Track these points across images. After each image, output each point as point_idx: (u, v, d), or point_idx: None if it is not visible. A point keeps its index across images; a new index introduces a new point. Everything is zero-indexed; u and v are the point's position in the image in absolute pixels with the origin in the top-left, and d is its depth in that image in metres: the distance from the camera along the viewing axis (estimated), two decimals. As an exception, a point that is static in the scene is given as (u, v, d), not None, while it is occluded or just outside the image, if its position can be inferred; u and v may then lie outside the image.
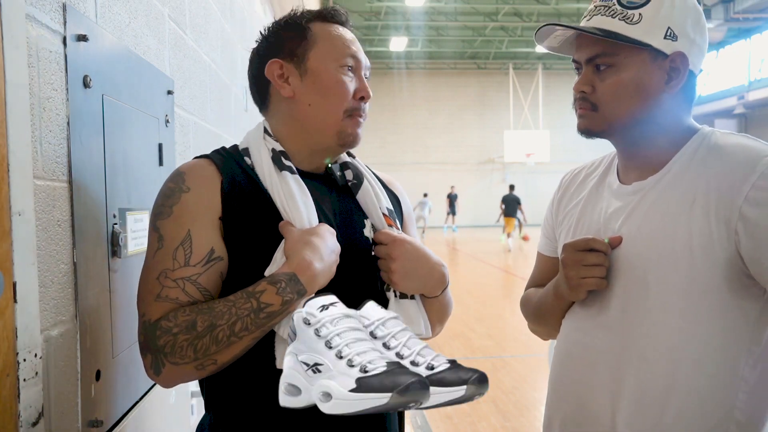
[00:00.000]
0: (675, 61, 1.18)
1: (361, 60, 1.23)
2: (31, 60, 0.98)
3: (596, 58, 1.20)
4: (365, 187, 1.24)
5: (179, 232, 1.09)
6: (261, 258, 1.09)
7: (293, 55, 1.20)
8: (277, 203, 1.13)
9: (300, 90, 1.19)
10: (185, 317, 1.02)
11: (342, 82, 1.19)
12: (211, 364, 1.03)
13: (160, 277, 1.06)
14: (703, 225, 1.11)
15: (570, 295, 1.25)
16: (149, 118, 1.53)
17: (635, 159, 1.25)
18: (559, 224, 1.40)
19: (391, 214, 1.25)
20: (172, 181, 1.14)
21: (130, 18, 1.45)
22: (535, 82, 24.27)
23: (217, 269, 1.10)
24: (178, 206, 1.10)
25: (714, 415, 1.11)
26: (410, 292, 1.20)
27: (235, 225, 1.11)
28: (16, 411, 0.91)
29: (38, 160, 1.00)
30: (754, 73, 18.72)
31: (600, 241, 1.19)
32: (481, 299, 8.53)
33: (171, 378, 1.04)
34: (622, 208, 1.23)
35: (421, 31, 21.20)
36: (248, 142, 1.22)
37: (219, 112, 2.62)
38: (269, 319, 1.03)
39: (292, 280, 1.04)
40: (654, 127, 1.21)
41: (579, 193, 1.37)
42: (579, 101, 1.24)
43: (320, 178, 1.24)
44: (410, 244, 1.19)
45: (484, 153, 25.02)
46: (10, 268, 0.89)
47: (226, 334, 1.01)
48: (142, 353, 1.05)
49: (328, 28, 1.22)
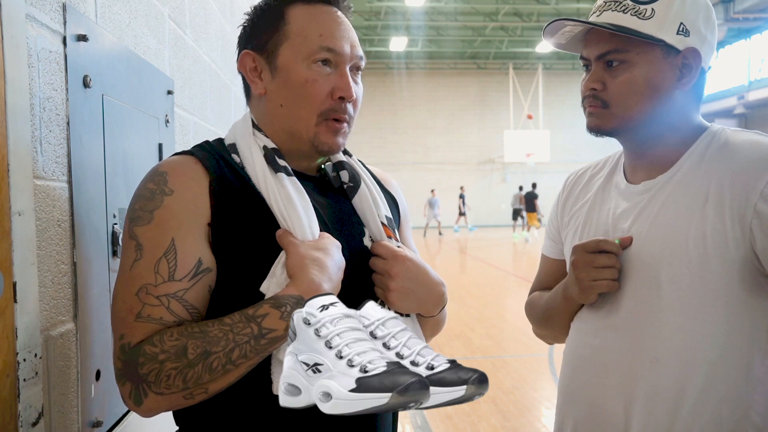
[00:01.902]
0: (687, 57, 1.15)
1: (343, 52, 1.05)
2: (31, 60, 0.98)
3: (608, 55, 1.17)
4: (362, 192, 1.13)
5: (161, 240, 0.96)
6: (255, 270, 0.98)
7: (264, 49, 1.07)
8: (274, 209, 1.01)
9: (271, 88, 1.07)
10: (173, 342, 0.90)
11: (313, 81, 1.04)
12: (201, 393, 0.92)
13: (140, 293, 0.94)
14: (716, 223, 1.09)
15: (580, 298, 1.22)
16: (149, 118, 1.53)
17: (644, 158, 1.23)
18: (565, 226, 1.37)
19: (390, 223, 1.14)
20: (151, 181, 1.01)
21: (130, 18, 1.45)
22: (535, 82, 24.25)
23: (206, 282, 0.98)
24: (160, 211, 0.97)
25: (730, 417, 1.09)
26: (406, 311, 1.10)
27: (226, 231, 0.99)
28: (16, 411, 0.91)
29: (38, 160, 1.00)
30: (754, 73, 18.72)
31: (611, 243, 1.17)
32: (481, 299, 8.53)
33: (153, 408, 0.92)
34: (632, 207, 1.21)
35: (421, 31, 21.19)
36: (235, 136, 1.09)
37: (219, 112, 2.62)
38: (270, 345, 0.93)
39: (299, 304, 0.92)
40: (664, 125, 1.18)
41: (585, 194, 1.34)
42: (589, 99, 1.21)
43: (313, 180, 1.13)
44: (411, 261, 1.09)
45: (484, 153, 25.00)
46: (10, 268, 0.89)
47: (221, 363, 0.90)
48: (119, 380, 0.93)
49: (308, 13, 1.06)
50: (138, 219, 0.98)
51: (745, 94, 18.86)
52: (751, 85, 18.78)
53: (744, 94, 18.92)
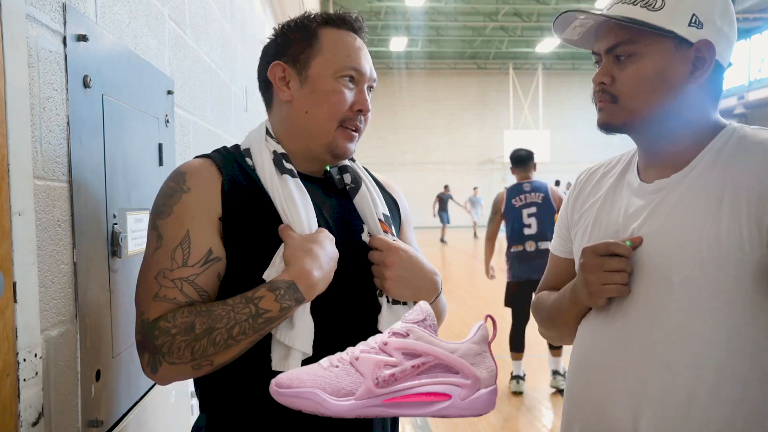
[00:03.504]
0: (701, 50, 1.11)
1: (365, 72, 1.21)
2: (31, 60, 0.98)
3: (616, 47, 1.14)
4: (362, 192, 1.24)
5: (178, 231, 1.09)
6: (259, 260, 1.10)
7: (296, 60, 1.19)
8: (277, 206, 1.13)
9: (298, 96, 1.19)
10: (184, 319, 1.03)
11: (339, 92, 1.18)
12: (207, 365, 1.04)
13: (159, 276, 1.06)
14: (732, 224, 1.06)
15: (589, 302, 1.18)
16: (149, 118, 1.53)
17: (658, 156, 1.19)
18: (575, 224, 1.33)
19: (387, 220, 1.24)
20: (173, 180, 1.14)
21: (130, 18, 1.45)
22: (535, 82, 24.25)
23: (215, 270, 1.10)
24: (179, 206, 1.10)
25: (741, 421, 1.04)
26: (403, 299, 1.20)
27: (235, 226, 1.11)
28: (16, 411, 0.91)
29: (38, 160, 1.00)
30: (754, 73, 18.71)
31: (622, 246, 1.12)
32: (481, 299, 8.53)
33: (167, 376, 1.05)
34: (644, 206, 1.16)
35: (421, 31, 21.20)
36: (250, 142, 1.21)
37: (219, 112, 2.62)
38: (267, 325, 1.04)
39: (291, 288, 1.04)
40: (678, 121, 1.15)
41: (596, 192, 1.31)
42: (598, 93, 1.18)
43: (320, 181, 1.24)
44: (405, 252, 1.19)
45: (484, 153, 25.00)
46: (10, 268, 0.89)
47: (223, 338, 1.02)
48: (140, 351, 1.06)
49: (337, 35, 1.21)
50: (160, 213, 1.11)
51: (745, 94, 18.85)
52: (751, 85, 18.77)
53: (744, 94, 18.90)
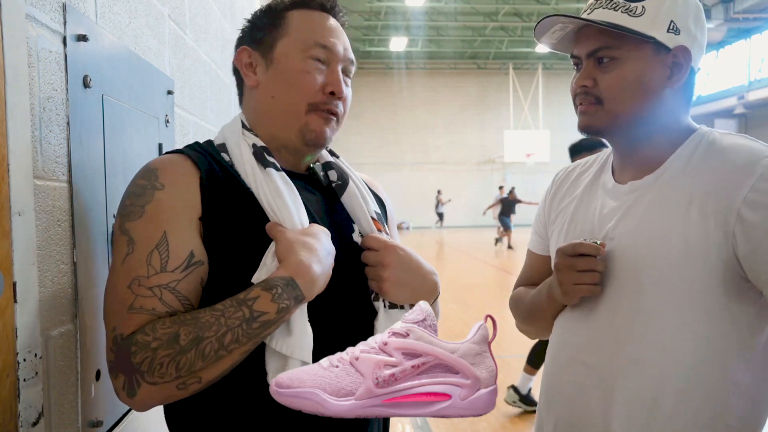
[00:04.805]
0: (678, 55, 1.15)
1: (336, 51, 1.10)
2: (31, 60, 0.98)
3: (598, 51, 1.17)
4: (351, 189, 1.16)
5: (153, 234, 0.96)
6: (246, 263, 0.99)
7: (261, 43, 1.12)
8: (263, 202, 1.03)
9: (264, 79, 1.11)
10: (165, 330, 0.90)
11: (306, 72, 1.08)
12: (195, 382, 0.91)
13: (133, 285, 0.94)
14: (699, 226, 1.09)
15: (563, 300, 1.22)
16: (149, 118, 1.53)
17: (632, 158, 1.22)
18: (552, 222, 1.37)
19: (380, 218, 1.17)
20: (142, 177, 1.02)
21: (130, 18, 1.45)
22: (535, 82, 24.27)
23: (198, 275, 0.98)
24: (151, 205, 0.98)
25: (706, 419, 1.09)
26: (401, 301, 1.10)
27: (217, 225, 1.00)
28: (16, 411, 0.91)
29: (38, 160, 1.00)
30: (754, 73, 18.73)
31: (588, 245, 1.15)
32: (481, 299, 8.53)
33: (147, 400, 0.91)
34: (618, 207, 1.20)
35: (421, 31, 21.21)
36: (224, 137, 1.12)
37: (219, 112, 2.62)
38: (263, 330, 0.93)
39: (289, 285, 0.94)
40: (654, 125, 1.18)
41: (572, 191, 1.34)
42: (581, 96, 1.20)
43: (303, 178, 1.15)
44: (403, 250, 1.11)
45: (484, 153, 25.02)
46: (10, 268, 0.89)
47: (214, 348, 0.90)
48: (112, 373, 0.92)
49: (306, 15, 1.12)
50: (129, 214, 0.99)
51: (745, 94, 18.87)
52: (751, 85, 18.79)
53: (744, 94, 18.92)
